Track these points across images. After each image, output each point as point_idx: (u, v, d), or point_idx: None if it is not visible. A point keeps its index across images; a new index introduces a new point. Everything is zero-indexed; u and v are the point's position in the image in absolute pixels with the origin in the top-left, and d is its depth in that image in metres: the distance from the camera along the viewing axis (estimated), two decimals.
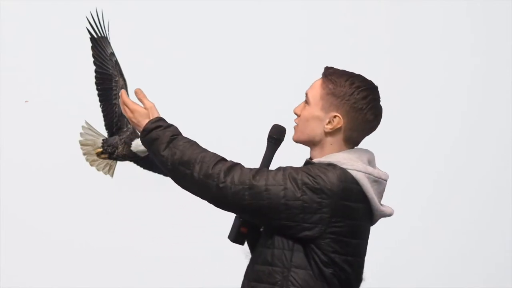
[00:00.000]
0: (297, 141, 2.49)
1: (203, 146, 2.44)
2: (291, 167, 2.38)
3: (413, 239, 4.69)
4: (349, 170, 2.39)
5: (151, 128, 2.45)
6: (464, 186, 4.74)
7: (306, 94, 2.47)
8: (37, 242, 4.49)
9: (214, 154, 2.40)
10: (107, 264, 4.49)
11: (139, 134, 2.49)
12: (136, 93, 2.50)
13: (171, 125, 2.47)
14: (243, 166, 2.38)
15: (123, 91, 2.51)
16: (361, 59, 4.69)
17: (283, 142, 2.55)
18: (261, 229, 2.43)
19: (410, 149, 4.72)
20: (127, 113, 2.50)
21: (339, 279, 2.40)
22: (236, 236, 2.48)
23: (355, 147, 2.53)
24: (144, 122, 2.47)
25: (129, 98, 2.50)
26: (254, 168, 2.38)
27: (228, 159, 2.41)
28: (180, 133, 2.46)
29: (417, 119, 4.74)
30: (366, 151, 2.52)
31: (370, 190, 2.41)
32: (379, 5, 4.73)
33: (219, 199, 2.36)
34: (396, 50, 4.74)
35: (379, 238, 4.53)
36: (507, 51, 4.77)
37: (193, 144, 2.43)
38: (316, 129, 2.46)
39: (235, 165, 2.38)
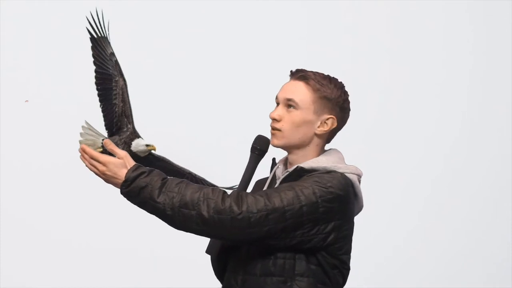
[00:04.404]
0: (282, 146, 2.50)
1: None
2: (294, 183, 2.36)
3: (413, 239, 4.69)
4: (346, 174, 2.42)
5: (134, 177, 2.31)
6: (464, 186, 4.74)
7: (291, 99, 2.46)
8: (37, 242, 4.49)
9: (213, 188, 2.32)
10: (107, 264, 4.49)
11: (118, 187, 2.32)
12: (105, 144, 2.38)
13: (153, 169, 2.34)
14: (247, 193, 2.32)
15: (83, 146, 2.35)
16: (361, 59, 4.69)
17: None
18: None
19: (410, 149, 4.72)
20: (99, 167, 2.34)
21: (342, 277, 2.43)
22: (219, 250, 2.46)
23: (325, 147, 2.56)
24: (122, 172, 2.33)
25: (95, 151, 2.35)
26: (261, 193, 2.33)
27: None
28: (165, 175, 2.34)
29: (417, 119, 4.73)
30: (338, 150, 2.57)
31: (360, 190, 2.44)
32: (379, 5, 4.73)
33: (237, 231, 2.28)
34: (396, 50, 4.74)
35: (379, 238, 4.54)
36: (508, 51, 4.77)
37: (187, 183, 2.32)
38: (307, 133, 2.48)
39: (240, 194, 2.31)
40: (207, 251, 2.49)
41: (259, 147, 2.50)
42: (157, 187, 2.29)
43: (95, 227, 4.50)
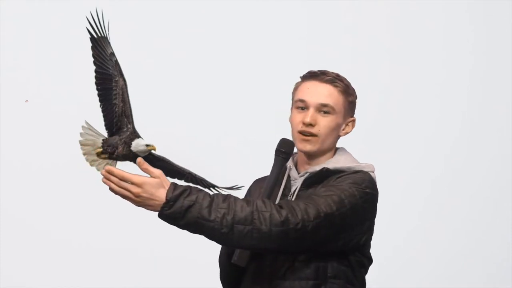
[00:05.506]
0: (315, 152, 2.48)
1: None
2: (332, 186, 2.34)
3: (413, 239, 4.69)
4: (369, 173, 2.46)
5: (176, 196, 2.17)
6: (464, 186, 4.74)
7: (327, 104, 2.44)
8: (37, 242, 4.49)
9: (263, 200, 2.22)
10: (107, 264, 4.49)
11: (156, 209, 2.16)
12: (139, 163, 2.22)
13: (190, 186, 2.21)
14: (297, 202, 2.26)
15: (109, 168, 2.18)
16: (361, 59, 4.69)
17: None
18: None
19: (410, 149, 4.71)
20: (132, 189, 2.18)
21: (366, 273, 2.45)
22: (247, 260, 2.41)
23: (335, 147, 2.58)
24: (160, 192, 2.18)
25: (126, 172, 2.19)
26: (307, 200, 2.28)
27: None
28: (207, 192, 2.21)
29: (417, 119, 4.73)
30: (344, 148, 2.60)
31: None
32: (379, 5, 4.73)
33: (294, 242, 2.22)
34: (396, 50, 4.74)
35: (379, 238, 4.53)
36: (508, 51, 4.77)
37: (234, 197, 2.21)
38: (336, 136, 2.50)
39: (291, 204, 2.24)
40: (236, 261, 2.42)
41: (284, 149, 2.46)
42: (206, 205, 2.17)
43: (95, 227, 4.50)
